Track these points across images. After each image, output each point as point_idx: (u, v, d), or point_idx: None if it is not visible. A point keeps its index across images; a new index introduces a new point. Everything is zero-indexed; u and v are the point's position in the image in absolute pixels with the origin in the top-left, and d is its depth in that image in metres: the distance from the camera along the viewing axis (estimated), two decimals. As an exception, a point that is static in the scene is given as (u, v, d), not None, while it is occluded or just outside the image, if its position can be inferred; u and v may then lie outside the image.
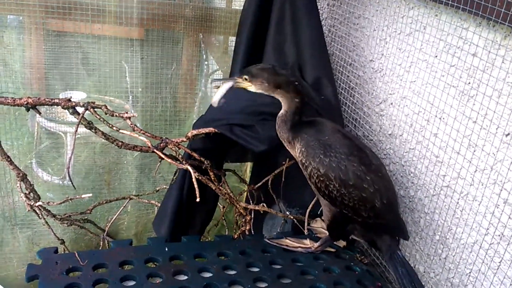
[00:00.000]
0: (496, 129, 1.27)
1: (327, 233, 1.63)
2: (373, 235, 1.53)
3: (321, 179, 1.45)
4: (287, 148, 1.58)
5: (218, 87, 1.54)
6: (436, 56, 1.49)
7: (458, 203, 1.43)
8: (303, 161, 1.50)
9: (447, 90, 1.44)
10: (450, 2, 1.35)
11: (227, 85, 1.53)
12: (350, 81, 1.97)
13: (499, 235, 1.29)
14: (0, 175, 2.33)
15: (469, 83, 1.37)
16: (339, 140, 1.48)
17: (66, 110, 1.64)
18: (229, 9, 2.50)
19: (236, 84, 1.53)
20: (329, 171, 1.43)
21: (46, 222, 1.83)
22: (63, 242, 1.98)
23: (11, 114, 2.34)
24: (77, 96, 2.39)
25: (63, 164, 2.54)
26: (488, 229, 1.32)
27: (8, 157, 1.69)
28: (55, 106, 2.45)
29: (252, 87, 1.52)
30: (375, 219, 1.46)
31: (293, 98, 1.49)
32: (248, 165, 2.67)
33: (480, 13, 1.24)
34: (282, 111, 1.53)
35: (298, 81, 1.52)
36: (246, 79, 1.51)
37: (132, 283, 1.43)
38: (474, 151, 1.35)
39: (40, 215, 1.80)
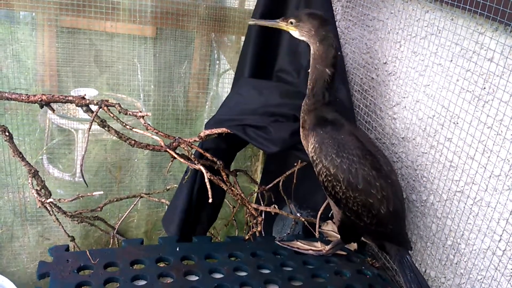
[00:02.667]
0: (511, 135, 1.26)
1: (338, 237, 1.62)
2: (380, 239, 1.52)
3: (329, 179, 1.44)
4: (301, 134, 1.56)
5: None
6: (452, 60, 1.48)
7: (471, 208, 1.42)
8: (314, 158, 1.49)
9: (462, 95, 1.43)
10: (467, 7, 1.34)
11: (267, 24, 1.54)
12: (364, 84, 1.96)
13: (513, 242, 1.28)
14: (12, 170, 2.34)
15: (485, 88, 1.35)
16: (354, 142, 1.46)
17: (79, 108, 1.65)
18: (242, 9, 2.50)
19: (278, 25, 1.51)
20: (339, 172, 1.42)
21: (57, 219, 1.84)
22: (73, 239, 1.98)
23: (23, 110, 2.35)
24: (89, 93, 2.40)
25: (73, 161, 2.55)
26: (501, 235, 1.31)
27: (20, 153, 1.70)
28: (67, 103, 2.50)
29: (296, 32, 1.49)
30: (377, 227, 1.45)
31: (327, 65, 1.46)
32: (259, 166, 2.67)
33: (498, 18, 1.23)
34: (310, 77, 1.50)
35: (339, 55, 1.50)
36: (291, 23, 1.48)
37: (143, 282, 1.44)
38: (489, 156, 1.34)
39: (51, 212, 1.81)
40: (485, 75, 1.35)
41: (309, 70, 1.51)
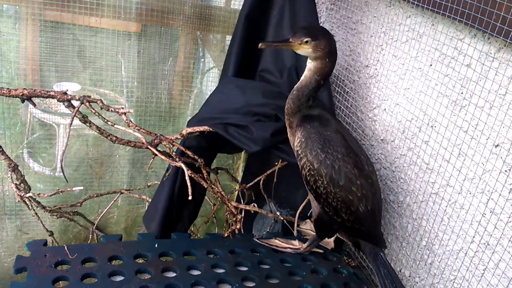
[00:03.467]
0: (486, 139, 1.29)
1: (315, 234, 1.65)
2: (355, 237, 1.55)
3: (312, 173, 1.46)
4: (288, 132, 1.58)
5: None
6: (431, 65, 1.51)
7: (445, 210, 1.45)
8: (299, 152, 1.51)
9: (440, 99, 1.46)
10: (447, 13, 1.37)
11: (279, 45, 1.55)
12: (345, 86, 1.99)
13: (484, 244, 1.31)
14: (-10, 165, 2.32)
15: (462, 93, 1.39)
16: (339, 140, 1.49)
17: (61, 103, 1.64)
18: (228, 8, 2.51)
19: (290, 46, 1.48)
20: (322, 167, 1.44)
21: (36, 214, 1.83)
22: (51, 234, 1.98)
23: (4, 103, 2.33)
24: (72, 87, 2.38)
25: (54, 155, 2.53)
26: (474, 237, 1.35)
27: (0, 147, 1.69)
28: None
29: (308, 50, 1.46)
30: (353, 224, 1.48)
31: (324, 77, 1.49)
32: (241, 164, 2.68)
33: (476, 25, 1.26)
34: (302, 83, 1.51)
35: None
36: (306, 42, 1.45)
37: (120, 278, 1.44)
38: (464, 160, 1.37)
39: (30, 206, 1.80)
40: (462, 80, 1.38)
41: (302, 77, 1.52)
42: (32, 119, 2.52)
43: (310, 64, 1.49)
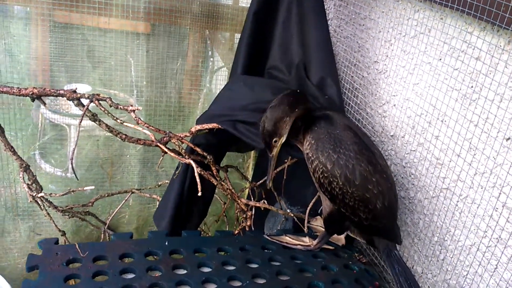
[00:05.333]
0: (497, 133, 1.28)
1: (325, 231, 1.64)
2: (370, 234, 1.54)
3: (326, 175, 1.45)
4: (295, 143, 1.58)
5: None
6: (440, 59, 1.50)
7: (457, 205, 1.44)
8: (310, 155, 1.49)
9: (450, 93, 1.45)
10: (455, 6, 1.36)
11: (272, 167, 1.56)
12: (354, 82, 1.98)
13: (496, 238, 1.30)
14: (3, 165, 2.34)
15: (472, 86, 1.37)
16: (350, 137, 1.47)
17: (71, 102, 1.66)
18: (236, 6, 2.51)
19: (276, 154, 1.53)
20: (336, 168, 1.43)
21: (48, 214, 1.85)
22: (64, 234, 1.99)
23: (15, 105, 2.35)
24: (82, 89, 2.40)
25: (66, 156, 2.55)
26: (486, 231, 1.33)
27: (12, 147, 1.71)
28: (60, 98, 2.50)
29: (285, 137, 1.49)
30: (372, 221, 1.46)
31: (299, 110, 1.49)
32: (251, 163, 2.68)
33: (485, 17, 1.25)
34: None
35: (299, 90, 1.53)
36: (276, 141, 1.49)
37: (131, 276, 1.44)
38: (475, 154, 1.36)
39: (41, 206, 1.82)
40: (472, 73, 1.37)
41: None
42: (43, 121, 2.54)
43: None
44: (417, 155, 1.61)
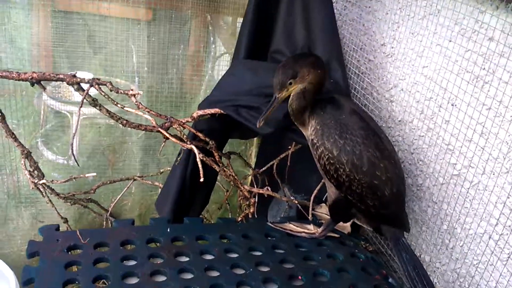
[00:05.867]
0: (511, 116, 1.23)
1: (330, 218, 1.60)
2: (377, 222, 1.50)
3: (332, 161, 1.40)
4: (299, 127, 1.53)
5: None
6: (451, 40, 1.44)
7: (468, 192, 1.39)
8: (315, 141, 1.44)
9: (461, 75, 1.40)
10: (467, -16, 1.31)
11: (270, 110, 1.46)
12: (361, 66, 1.92)
13: (510, 226, 1.25)
14: (5, 152, 2.32)
15: (485, 68, 1.32)
16: (356, 121, 1.42)
17: (71, 88, 1.62)
18: (238, -12, 2.45)
19: (280, 100, 1.45)
20: (342, 154, 1.38)
21: (50, 201, 1.82)
22: (66, 221, 1.97)
23: (18, 92, 2.33)
24: (84, 76, 2.37)
25: (68, 144, 2.53)
26: (498, 219, 1.29)
27: (13, 134, 1.68)
28: (62, 86, 2.46)
29: (300, 86, 1.43)
30: (380, 209, 1.42)
31: (319, 84, 1.46)
32: (253, 150, 2.64)
33: (499, -6, 1.19)
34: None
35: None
36: (290, 84, 1.43)
37: (133, 262, 1.42)
38: (488, 138, 1.31)
39: (43, 193, 1.79)
40: (485, 54, 1.31)
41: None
42: (46, 109, 2.51)
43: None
44: (426, 141, 1.56)
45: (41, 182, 1.76)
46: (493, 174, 1.30)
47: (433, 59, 1.52)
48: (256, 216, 1.75)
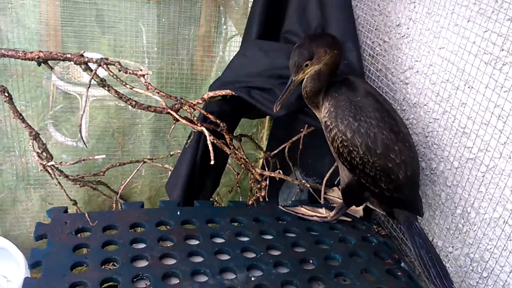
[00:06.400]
0: (532, 98, 1.19)
1: (342, 202, 1.58)
2: (388, 206, 1.48)
3: (345, 144, 1.37)
4: (312, 109, 1.50)
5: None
6: (469, 20, 1.40)
7: (484, 176, 1.36)
8: (328, 123, 1.41)
9: (480, 56, 1.35)
10: (489, -40, 1.25)
11: (287, 93, 1.44)
12: (375, 47, 1.88)
13: (527, 211, 1.22)
14: (14, 135, 2.31)
15: (503, 49, 1.28)
16: (371, 103, 1.39)
17: (80, 68, 1.60)
18: (250, -33, 2.39)
19: (297, 82, 1.43)
20: (356, 137, 1.35)
21: (59, 182, 1.81)
22: (75, 203, 1.96)
23: (26, 74, 2.31)
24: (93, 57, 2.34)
25: (77, 126, 2.52)
26: (516, 204, 1.25)
27: (21, 115, 1.66)
28: (71, 67, 2.44)
29: (317, 67, 1.41)
30: (393, 192, 1.39)
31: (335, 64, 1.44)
32: (265, 133, 2.62)
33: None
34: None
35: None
36: (307, 66, 1.40)
37: (142, 245, 1.41)
38: (506, 121, 1.27)
39: (52, 175, 1.78)
40: (505, 34, 1.27)
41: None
42: (55, 90, 2.50)
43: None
44: (441, 124, 1.53)
45: (49, 164, 1.74)
46: (510, 158, 1.27)
47: (451, 39, 1.47)
48: (267, 199, 1.73)
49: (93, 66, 1.55)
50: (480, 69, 1.35)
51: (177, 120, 1.61)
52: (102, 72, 1.58)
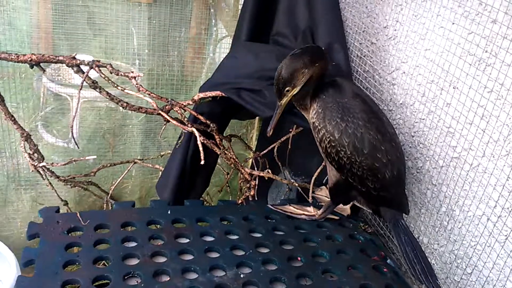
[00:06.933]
0: (513, 98, 1.23)
1: (330, 200, 1.61)
2: (375, 204, 1.51)
3: (333, 144, 1.40)
4: (300, 111, 1.53)
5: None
6: (454, 23, 1.43)
7: (468, 174, 1.39)
8: (316, 124, 1.44)
9: (464, 58, 1.39)
10: (471, -36, 1.29)
11: (275, 120, 1.49)
12: (363, 48, 1.91)
13: (508, 208, 1.25)
14: (5, 136, 2.32)
15: (487, 51, 1.31)
16: (358, 105, 1.42)
17: (71, 70, 1.61)
18: (240, -30, 2.43)
19: (285, 105, 1.47)
20: (344, 137, 1.39)
21: (50, 183, 1.83)
22: (66, 203, 1.98)
23: (17, 75, 2.32)
24: (84, 59, 2.35)
25: (68, 127, 2.52)
26: (497, 201, 1.29)
27: (12, 116, 1.67)
28: (61, 69, 2.45)
29: (299, 88, 1.44)
30: (380, 191, 1.43)
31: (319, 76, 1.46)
32: (254, 133, 2.64)
33: (503, -25, 1.18)
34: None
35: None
36: (288, 91, 1.44)
37: (133, 244, 1.42)
38: (488, 121, 1.31)
39: (43, 176, 1.79)
40: (489, 36, 1.30)
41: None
42: (45, 92, 2.51)
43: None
44: (427, 123, 1.56)
45: (41, 164, 1.76)
46: (493, 156, 1.30)
47: (436, 41, 1.51)
48: (256, 198, 1.75)
49: (85, 68, 1.56)
50: (464, 70, 1.39)
51: (168, 121, 1.63)
52: (93, 74, 1.59)
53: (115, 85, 1.61)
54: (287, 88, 1.43)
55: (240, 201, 1.69)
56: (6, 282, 2.17)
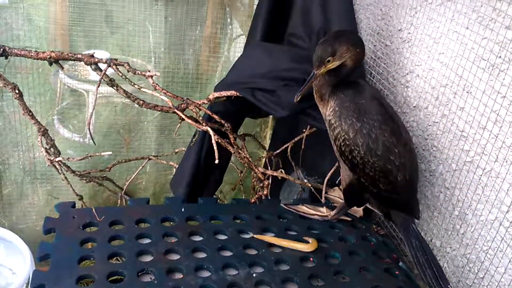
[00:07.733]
0: (527, 104, 1.23)
1: (344, 202, 1.62)
2: (386, 207, 1.52)
3: (347, 143, 1.42)
4: (317, 103, 1.54)
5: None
6: (468, 28, 1.43)
7: (480, 179, 1.40)
8: (332, 122, 1.46)
9: (477, 63, 1.39)
10: (488, -30, 1.29)
11: (306, 87, 1.50)
12: (377, 51, 1.92)
13: (521, 213, 1.26)
14: (22, 130, 2.36)
15: (500, 56, 1.31)
16: (375, 107, 1.44)
17: (89, 67, 1.64)
18: (256, -32, 2.43)
19: (321, 75, 1.48)
20: (358, 137, 1.40)
21: (66, 178, 1.86)
22: (81, 198, 2.00)
23: (34, 70, 2.35)
24: (101, 55, 2.38)
25: (84, 122, 2.56)
26: (510, 206, 1.29)
27: (30, 111, 1.70)
28: (78, 64, 2.48)
29: (339, 63, 1.46)
30: (391, 193, 1.44)
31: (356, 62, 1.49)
32: (268, 132, 2.66)
33: (520, -19, 1.18)
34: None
35: None
36: (329, 61, 1.44)
37: (147, 241, 1.45)
38: (501, 126, 1.31)
39: (59, 171, 1.82)
40: (502, 42, 1.30)
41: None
42: (62, 87, 2.54)
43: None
44: (440, 127, 1.57)
45: (57, 159, 1.79)
46: (506, 162, 1.30)
47: (450, 46, 1.51)
48: (269, 198, 1.77)
49: (102, 66, 1.59)
50: (477, 75, 1.39)
51: (183, 120, 1.66)
52: (109, 71, 1.61)
53: (132, 83, 1.63)
54: (328, 58, 1.44)
55: (253, 200, 1.71)
56: (20, 275, 2.21)
